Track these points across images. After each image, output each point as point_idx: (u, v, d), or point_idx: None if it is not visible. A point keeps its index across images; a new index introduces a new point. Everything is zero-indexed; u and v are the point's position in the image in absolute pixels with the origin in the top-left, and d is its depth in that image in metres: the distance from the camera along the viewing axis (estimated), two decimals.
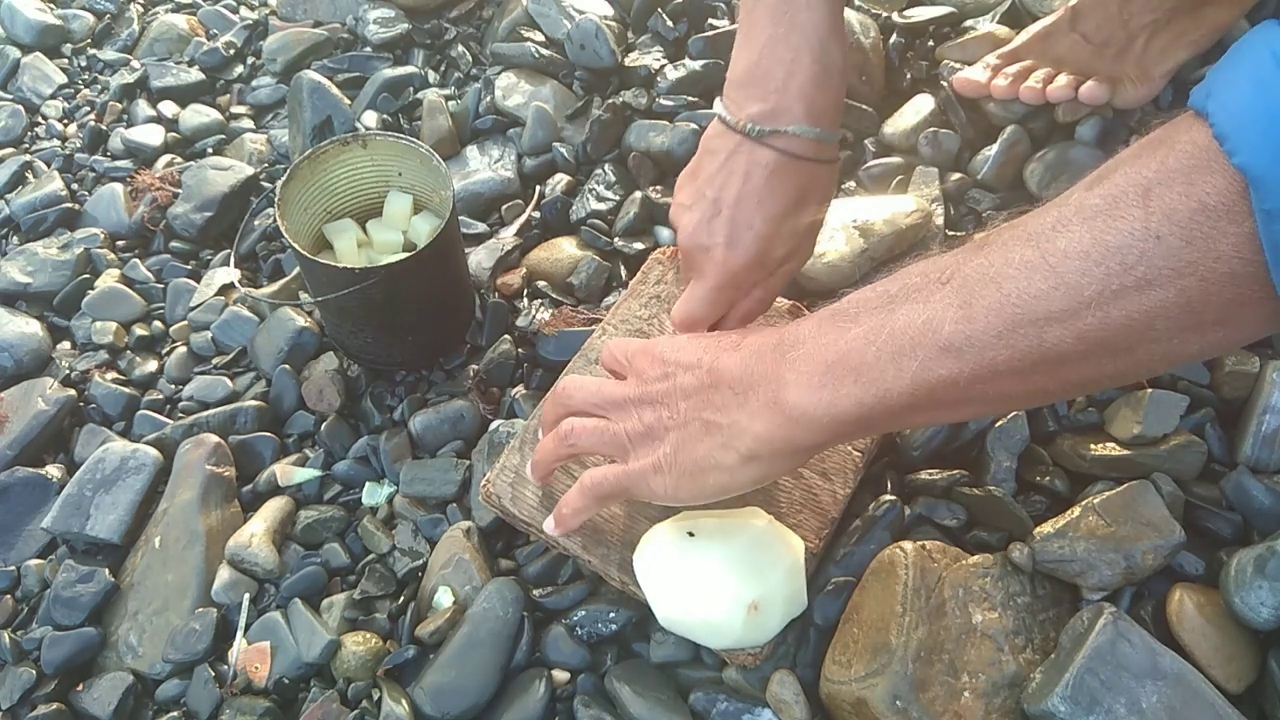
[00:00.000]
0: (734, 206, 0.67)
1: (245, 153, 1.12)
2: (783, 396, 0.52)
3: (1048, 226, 0.43)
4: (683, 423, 0.57)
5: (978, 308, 0.44)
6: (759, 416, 0.53)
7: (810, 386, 0.51)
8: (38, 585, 0.83)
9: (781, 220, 0.67)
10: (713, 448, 0.56)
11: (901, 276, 0.50)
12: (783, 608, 0.66)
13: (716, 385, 0.56)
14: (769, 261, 0.69)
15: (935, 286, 0.47)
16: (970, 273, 0.45)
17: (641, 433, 0.60)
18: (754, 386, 0.54)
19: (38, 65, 1.25)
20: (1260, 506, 0.70)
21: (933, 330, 0.46)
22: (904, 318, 0.47)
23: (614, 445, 0.62)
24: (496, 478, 0.74)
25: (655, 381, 0.60)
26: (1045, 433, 0.77)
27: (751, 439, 0.54)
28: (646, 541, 0.69)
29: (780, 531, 0.68)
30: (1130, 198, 0.40)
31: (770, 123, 0.66)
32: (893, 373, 0.48)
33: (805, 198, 0.68)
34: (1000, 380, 0.45)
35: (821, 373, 0.50)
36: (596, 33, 1.06)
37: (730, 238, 0.67)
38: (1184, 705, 0.59)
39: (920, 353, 0.46)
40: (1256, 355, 0.75)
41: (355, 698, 0.73)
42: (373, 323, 0.85)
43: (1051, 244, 0.42)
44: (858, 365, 0.49)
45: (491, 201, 1.02)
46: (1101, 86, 0.89)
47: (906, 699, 0.62)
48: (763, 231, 0.67)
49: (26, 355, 0.96)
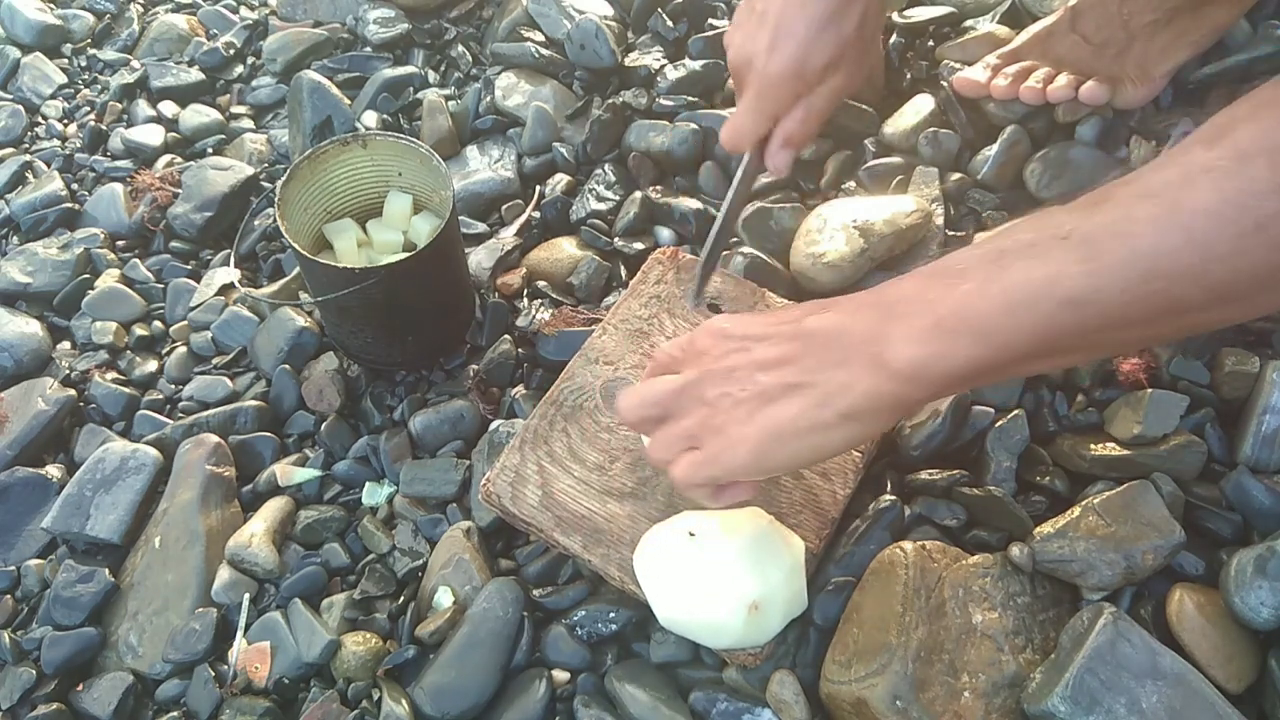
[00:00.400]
0: (778, 13, 0.69)
1: (245, 153, 1.12)
2: (890, 353, 0.51)
3: (1173, 183, 0.44)
4: (761, 392, 0.55)
5: (1105, 262, 0.45)
6: (862, 375, 0.52)
7: (922, 342, 0.50)
8: (38, 585, 0.83)
9: (824, 24, 0.68)
10: (804, 409, 0.54)
11: (1008, 233, 0.50)
12: (783, 608, 0.66)
13: (806, 348, 0.55)
14: (809, 70, 0.69)
15: (1053, 242, 0.47)
16: (1093, 229, 0.46)
17: (709, 414, 0.57)
18: (854, 346, 0.53)
19: (38, 65, 1.25)
20: (1260, 506, 0.70)
21: (1054, 284, 0.47)
22: (1020, 272, 0.48)
23: (682, 443, 0.59)
24: (496, 477, 0.74)
25: (723, 358, 0.58)
26: (1045, 433, 0.77)
27: (853, 398, 0.53)
28: (647, 541, 0.69)
29: (781, 532, 0.68)
30: (1259, 159, 0.42)
31: None
32: (1010, 326, 0.48)
33: (849, 4, 0.68)
34: (1120, 329, 0.47)
35: (932, 328, 0.50)
36: (596, 33, 1.06)
37: (772, 42, 0.68)
38: (1184, 705, 0.59)
39: (1040, 306, 0.47)
40: (1256, 355, 0.75)
41: (355, 698, 0.73)
42: (373, 323, 0.85)
43: (1179, 201, 0.44)
44: (971, 319, 0.49)
45: (491, 201, 1.02)
46: (1102, 87, 0.89)
47: (906, 699, 0.62)
48: (804, 36, 0.68)
49: (26, 355, 0.96)
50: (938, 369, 0.50)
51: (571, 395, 0.79)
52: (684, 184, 0.99)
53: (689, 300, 0.80)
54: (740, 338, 0.59)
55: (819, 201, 0.93)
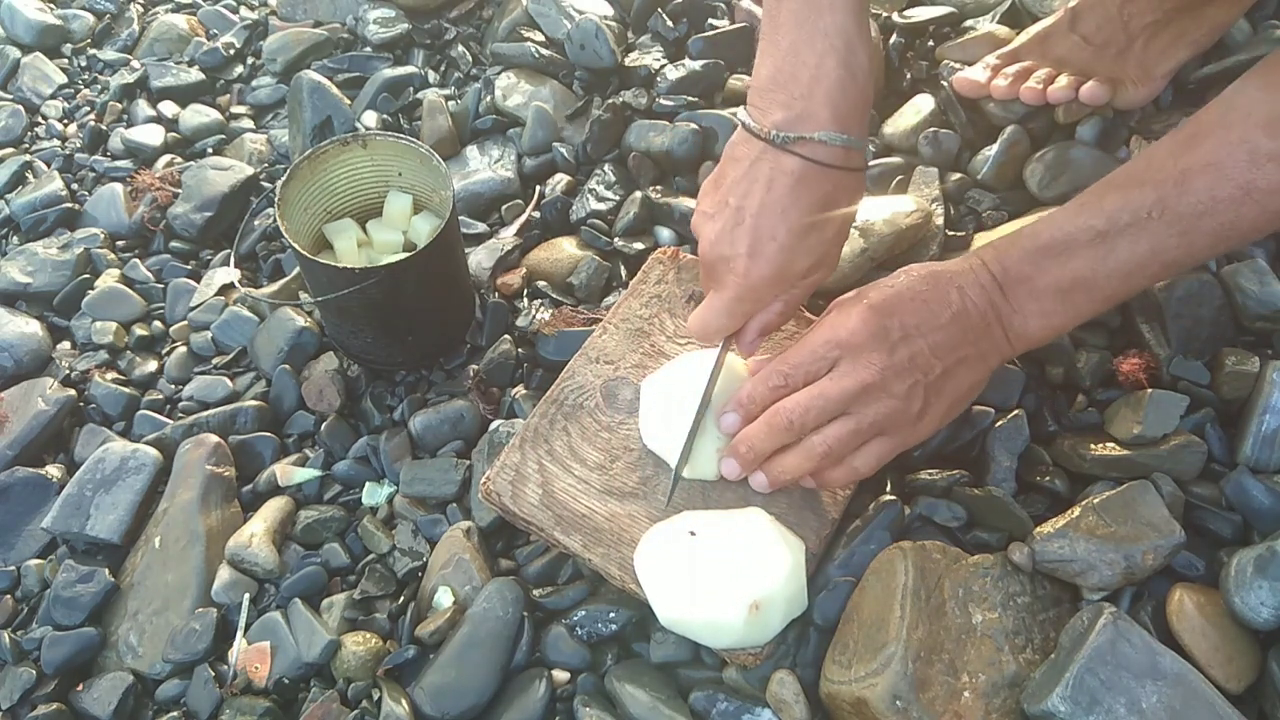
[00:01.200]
0: (757, 216, 0.66)
1: (245, 153, 1.12)
2: (1029, 324, 0.65)
3: (1242, 165, 0.56)
4: (944, 370, 0.65)
5: (1197, 235, 0.59)
6: (1008, 340, 0.66)
7: (1053, 312, 0.65)
8: (38, 585, 0.83)
9: (806, 231, 0.66)
10: (970, 376, 0.67)
11: (1098, 212, 0.62)
12: (783, 608, 0.66)
13: (964, 327, 0.65)
14: (791, 274, 0.68)
15: (1149, 222, 0.60)
16: (1184, 210, 0.59)
17: (902, 403, 0.65)
18: (994, 319, 0.65)
19: (38, 65, 1.25)
20: (1260, 506, 0.70)
21: (1157, 255, 0.61)
22: (1126, 249, 0.61)
23: (874, 433, 0.66)
24: (497, 476, 0.74)
25: (894, 350, 0.64)
26: (1045, 433, 0.77)
27: (1000, 356, 0.67)
28: (647, 541, 0.69)
29: (781, 532, 0.68)
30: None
31: (795, 129, 0.64)
32: (1124, 288, 0.63)
33: (831, 207, 0.67)
34: (1200, 263, 0.66)
35: (1060, 299, 0.64)
36: (596, 33, 1.06)
37: (752, 248, 0.66)
38: (1184, 705, 0.59)
39: (1147, 272, 0.62)
40: (1256, 355, 0.75)
41: (355, 698, 0.73)
42: (373, 323, 0.85)
43: (1253, 184, 0.56)
44: (1090, 288, 0.63)
45: (491, 201, 1.02)
46: (1102, 87, 0.89)
47: (906, 699, 0.62)
48: (786, 242, 0.66)
49: (26, 355, 0.96)
50: (1064, 327, 0.66)
51: (572, 394, 0.79)
52: (684, 184, 0.99)
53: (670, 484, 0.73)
54: (900, 327, 0.65)
55: None
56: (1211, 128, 0.58)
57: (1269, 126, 0.56)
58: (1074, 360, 0.79)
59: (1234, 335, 0.79)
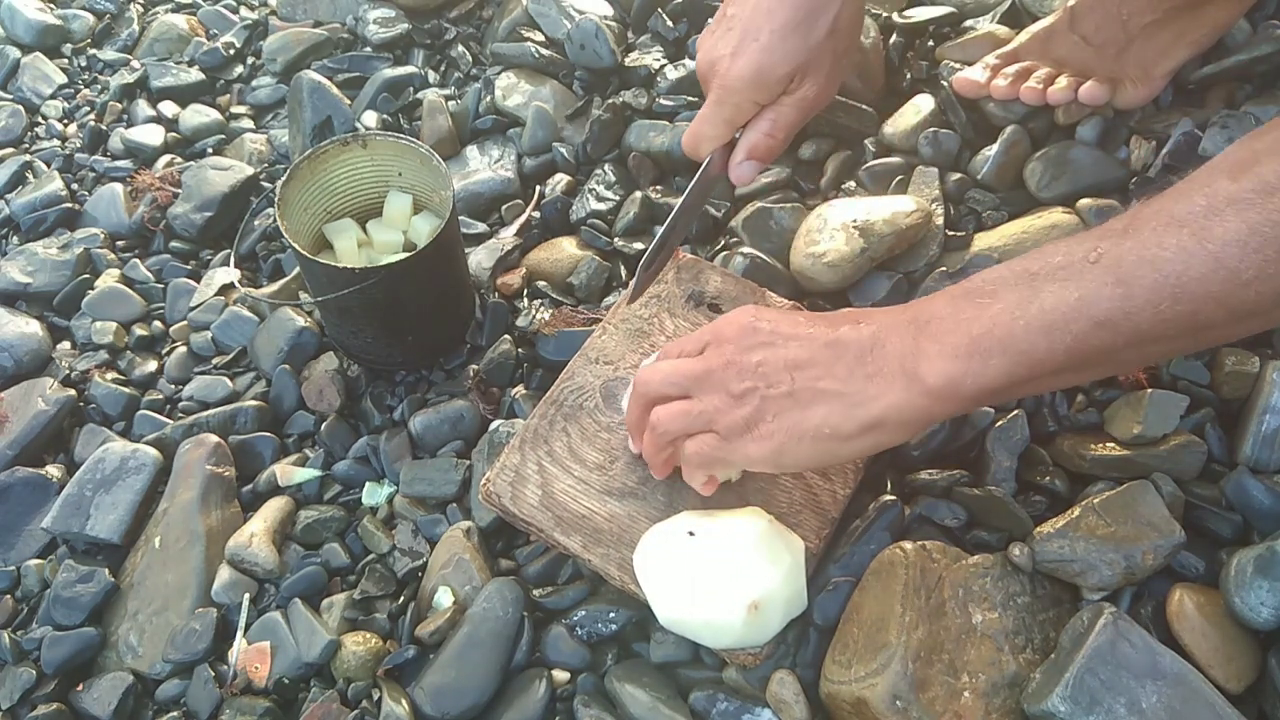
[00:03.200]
0: (745, 17, 0.67)
1: (245, 153, 1.12)
2: (924, 368, 0.54)
3: (1198, 213, 0.47)
4: (789, 391, 0.58)
5: (1136, 287, 0.48)
6: (893, 388, 0.55)
7: (956, 358, 0.53)
8: (38, 585, 0.83)
9: (789, 32, 0.66)
10: (828, 416, 0.57)
11: (1037, 255, 0.53)
12: (783, 607, 0.66)
13: (838, 356, 0.57)
14: (771, 76, 0.67)
15: (1084, 265, 0.50)
16: (1124, 255, 0.49)
17: (733, 403, 0.59)
18: (887, 360, 0.55)
19: (38, 65, 1.25)
20: (1260, 506, 0.70)
21: (1087, 306, 0.49)
22: (1053, 295, 0.50)
23: (702, 423, 0.62)
24: (496, 477, 0.74)
25: (749, 351, 0.60)
26: (1045, 433, 0.77)
27: (881, 408, 0.55)
28: (647, 541, 0.69)
29: (781, 531, 0.68)
30: None
31: None
32: (1044, 345, 0.51)
33: (816, 10, 0.66)
34: (1146, 345, 0.50)
35: (966, 345, 0.53)
36: (596, 33, 1.06)
37: (736, 48, 0.67)
38: (1184, 705, 0.59)
39: (1074, 327, 0.50)
40: (1256, 355, 0.75)
41: (355, 698, 0.73)
42: (373, 323, 0.85)
43: (1207, 231, 0.47)
44: (1005, 338, 0.51)
45: (491, 201, 1.02)
46: (1101, 87, 0.89)
47: (906, 699, 0.62)
48: (767, 43, 0.66)
49: (26, 355, 0.96)
50: (970, 385, 0.53)
51: (572, 395, 0.79)
52: (684, 184, 0.99)
53: (629, 297, 0.77)
54: (769, 333, 0.60)
55: (819, 201, 0.93)
56: (1180, 182, 0.50)
57: (1233, 170, 0.48)
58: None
59: None
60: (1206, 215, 0.47)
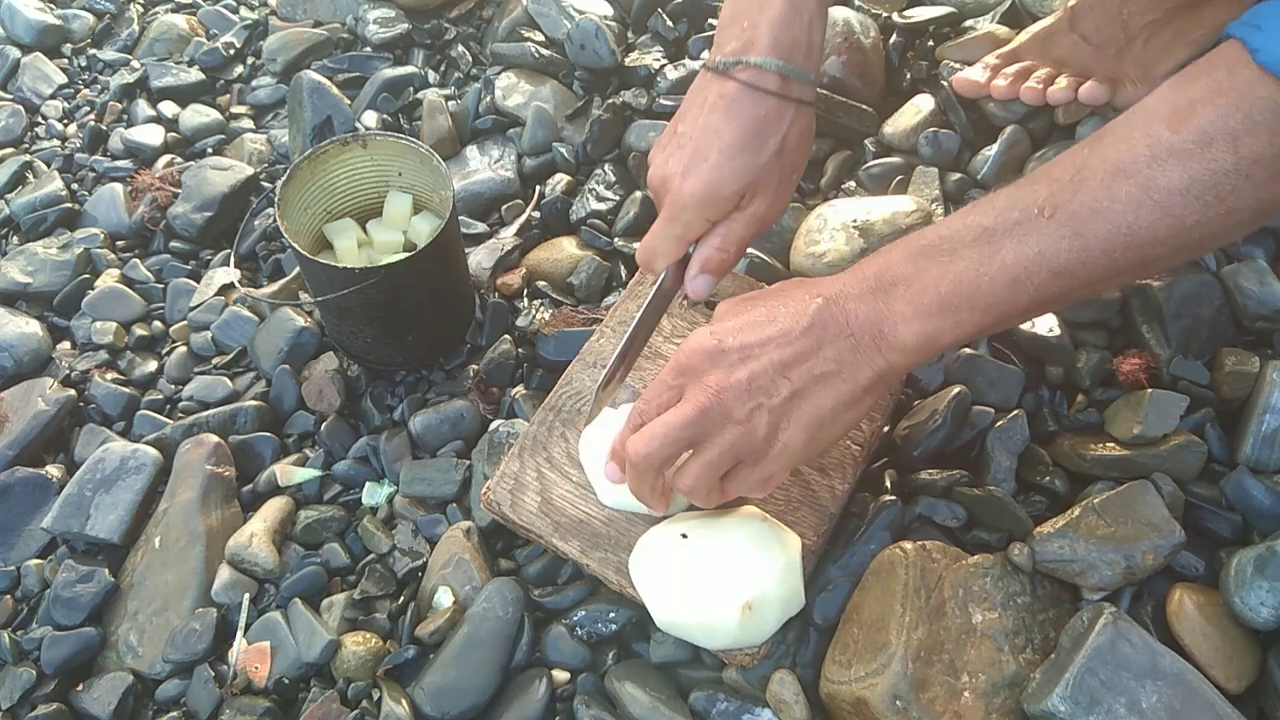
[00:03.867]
0: (694, 137, 0.67)
1: (245, 153, 1.12)
2: (902, 331, 0.57)
3: (1142, 163, 0.50)
4: (792, 391, 0.59)
5: (1090, 238, 0.52)
6: (878, 352, 0.58)
7: (930, 317, 0.56)
8: (38, 585, 0.83)
9: (737, 153, 0.66)
10: (836, 394, 0.59)
11: (988, 209, 0.55)
12: (779, 606, 0.66)
13: (819, 339, 0.58)
14: (720, 195, 0.67)
15: (1039, 220, 0.53)
16: (1077, 209, 0.52)
17: (745, 428, 0.59)
18: (863, 329, 0.58)
19: (38, 65, 1.25)
20: (1260, 506, 0.70)
21: (1046, 260, 0.53)
22: (1013, 251, 0.54)
23: (728, 461, 0.61)
24: (496, 485, 0.74)
25: (732, 372, 0.59)
26: (1045, 433, 0.77)
27: (872, 372, 0.58)
28: (642, 545, 0.69)
29: (776, 529, 0.68)
30: (1220, 143, 0.48)
31: (736, 55, 0.66)
32: (1010, 297, 0.54)
33: (764, 132, 0.67)
34: (1100, 284, 0.55)
35: (938, 304, 0.56)
36: (596, 33, 1.06)
37: (686, 166, 0.67)
38: (1184, 705, 0.59)
39: (1035, 279, 0.53)
40: (1256, 355, 0.75)
41: (355, 698, 0.73)
42: (373, 323, 0.85)
43: (1152, 181, 0.50)
44: (972, 294, 0.55)
45: (491, 201, 1.02)
46: (1101, 87, 0.89)
47: (906, 699, 0.62)
48: (715, 161, 0.66)
49: (26, 355, 0.96)
50: (945, 339, 0.57)
51: (570, 401, 0.79)
52: None
53: (589, 418, 0.75)
54: (739, 347, 0.60)
55: (819, 201, 0.93)
56: (1116, 128, 0.53)
57: (1172, 119, 0.50)
58: (1074, 360, 0.79)
59: (1234, 335, 0.79)
60: (1150, 165, 0.50)
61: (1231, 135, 0.48)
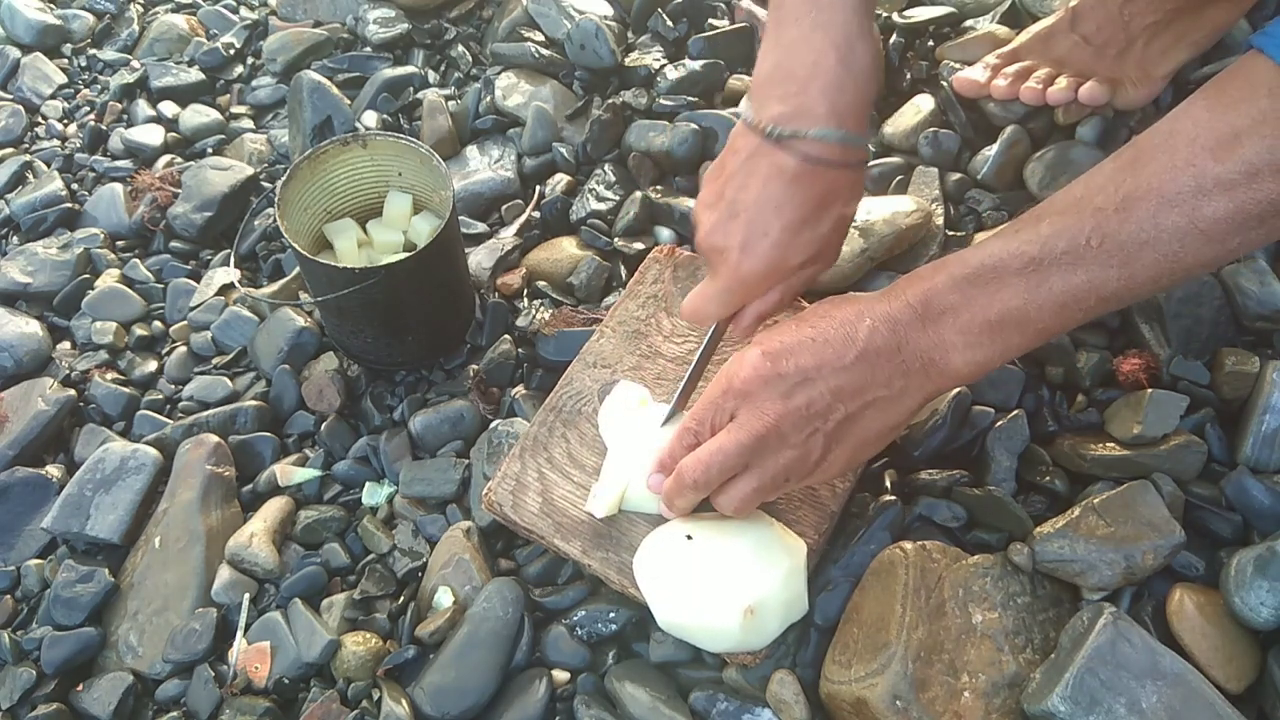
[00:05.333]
0: (750, 210, 0.65)
1: (245, 153, 1.12)
2: (954, 359, 0.59)
3: (1187, 194, 0.51)
4: (845, 416, 0.60)
5: (1138, 268, 0.54)
6: (929, 377, 0.60)
7: (979, 345, 0.58)
8: (38, 585, 0.83)
9: (799, 228, 0.65)
10: (884, 418, 0.61)
11: (1032, 237, 0.56)
12: (781, 611, 0.66)
13: (873, 366, 0.59)
14: (784, 269, 0.67)
15: (1086, 250, 0.54)
16: (1125, 239, 0.53)
17: (801, 452, 0.61)
18: (913, 357, 0.59)
19: (38, 65, 1.25)
20: (1260, 506, 0.70)
21: (1095, 288, 0.55)
22: (1061, 280, 0.55)
23: (778, 485, 0.63)
24: (498, 486, 0.74)
25: (789, 398, 0.60)
26: (1045, 433, 0.77)
27: (921, 397, 0.61)
28: (646, 545, 0.69)
29: (781, 534, 0.68)
30: (1266, 174, 0.50)
31: (791, 124, 0.63)
32: (1057, 323, 0.57)
33: (827, 204, 0.65)
34: (1141, 298, 0.59)
35: (987, 331, 0.58)
36: (596, 33, 1.06)
37: (745, 243, 0.65)
38: (1184, 705, 0.59)
39: (1083, 305, 0.56)
40: (1256, 355, 0.75)
41: (355, 698, 0.73)
42: (373, 323, 0.85)
43: (1198, 211, 0.51)
44: (1021, 321, 0.57)
45: (491, 201, 1.02)
46: (1102, 87, 0.89)
47: (906, 699, 0.62)
48: (779, 239, 0.65)
49: (26, 355, 0.96)
50: (992, 364, 0.59)
51: (571, 401, 0.79)
52: (684, 184, 0.99)
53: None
54: (796, 370, 0.60)
55: None
56: (1155, 151, 0.53)
57: (1216, 150, 0.50)
58: (1074, 360, 0.79)
59: (1234, 335, 0.79)
60: (1195, 195, 0.51)
61: (1277, 167, 0.49)
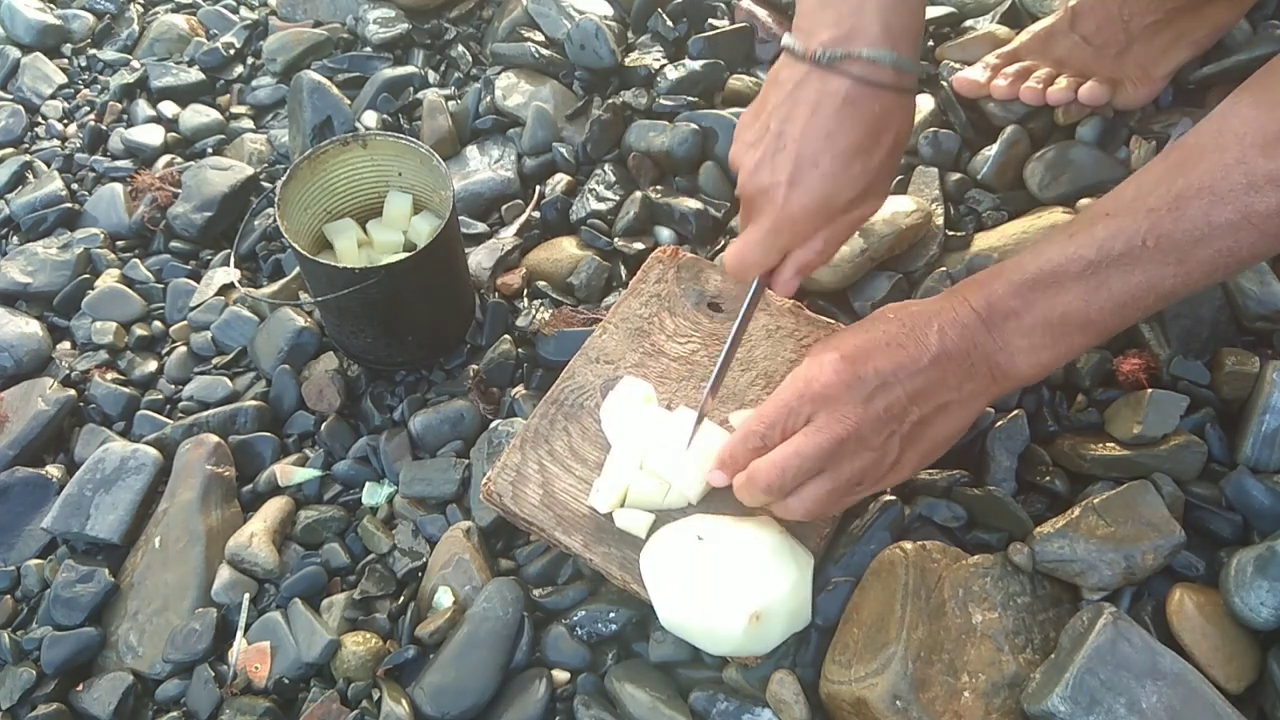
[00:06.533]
0: (800, 141, 0.62)
1: (245, 153, 1.12)
2: (1019, 361, 0.60)
3: (1239, 190, 0.53)
4: (919, 418, 0.61)
5: (1193, 264, 0.55)
6: (994, 380, 0.61)
7: (1043, 347, 0.60)
8: (38, 585, 0.83)
9: (852, 157, 0.62)
10: (955, 422, 0.63)
11: (1088, 240, 0.57)
12: (785, 620, 0.66)
13: (945, 369, 0.60)
14: (834, 205, 0.64)
15: (1143, 250, 0.56)
16: (1180, 237, 0.55)
17: (879, 455, 0.61)
18: (979, 360, 0.60)
19: (38, 65, 1.25)
20: (1260, 506, 0.70)
21: (1152, 286, 0.56)
22: (1120, 281, 0.57)
23: (850, 489, 0.62)
24: (498, 476, 0.74)
25: (869, 403, 0.60)
26: (1045, 433, 0.77)
27: (988, 399, 0.62)
28: (655, 541, 0.69)
29: (790, 543, 0.68)
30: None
31: (843, 46, 0.61)
32: (1117, 321, 0.58)
33: (880, 131, 0.63)
34: (1197, 291, 0.58)
35: (1050, 334, 0.59)
36: (596, 33, 1.06)
37: (794, 175, 0.62)
38: (1184, 705, 0.59)
39: (1143, 303, 0.57)
40: (1256, 355, 0.75)
41: (355, 698, 0.73)
42: (373, 323, 0.85)
43: (1250, 208, 0.53)
44: (1083, 322, 0.58)
45: (491, 201, 1.02)
46: (1101, 87, 0.89)
47: (906, 699, 0.62)
48: (830, 170, 0.62)
49: (26, 355, 0.96)
50: (1054, 365, 0.61)
51: (572, 394, 0.79)
52: (684, 184, 0.99)
53: (691, 428, 0.73)
54: (875, 374, 0.60)
55: None
56: (1204, 150, 0.54)
57: (1265, 147, 0.52)
58: (1074, 360, 0.79)
59: (1234, 335, 0.79)
60: (1247, 192, 0.52)
61: None
